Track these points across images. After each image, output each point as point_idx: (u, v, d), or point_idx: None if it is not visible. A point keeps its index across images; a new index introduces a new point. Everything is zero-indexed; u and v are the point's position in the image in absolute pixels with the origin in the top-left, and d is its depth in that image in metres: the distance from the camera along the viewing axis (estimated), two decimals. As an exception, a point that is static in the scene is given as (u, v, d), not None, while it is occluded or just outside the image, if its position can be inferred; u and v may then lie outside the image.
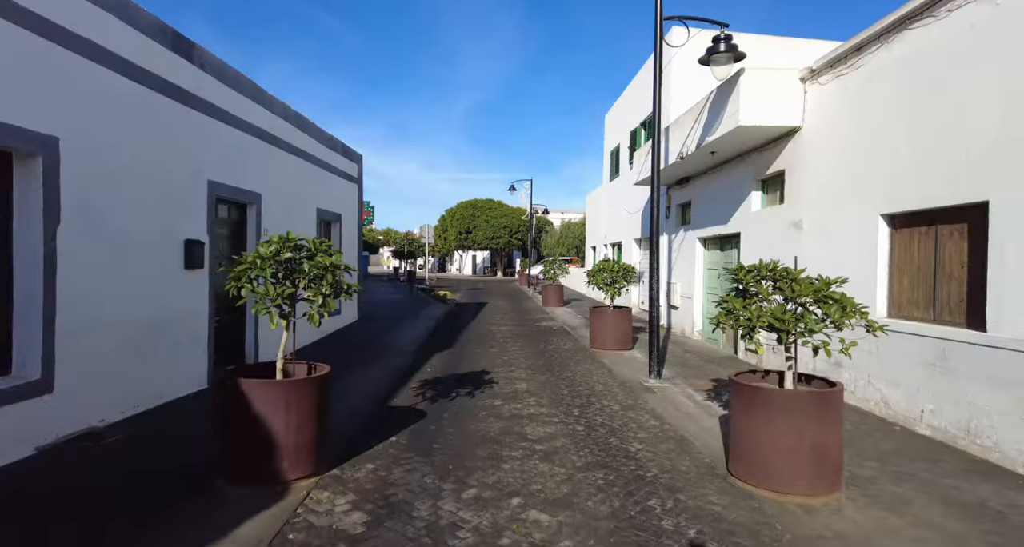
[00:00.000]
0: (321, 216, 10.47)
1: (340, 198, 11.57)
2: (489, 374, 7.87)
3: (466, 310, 17.54)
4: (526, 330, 12.87)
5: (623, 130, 17.75)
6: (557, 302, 18.70)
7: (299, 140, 9.40)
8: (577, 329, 12.86)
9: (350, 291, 4.41)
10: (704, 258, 11.20)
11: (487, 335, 11.92)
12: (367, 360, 8.54)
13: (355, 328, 11.80)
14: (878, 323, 3.83)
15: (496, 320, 14.84)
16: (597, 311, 9.94)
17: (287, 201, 8.88)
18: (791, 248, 7.54)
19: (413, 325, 12.67)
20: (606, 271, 9.82)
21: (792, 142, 7.59)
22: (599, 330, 9.86)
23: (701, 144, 8.75)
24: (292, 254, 4.14)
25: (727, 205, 9.72)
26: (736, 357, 9.27)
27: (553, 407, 6.15)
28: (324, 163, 10.61)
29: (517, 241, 47.90)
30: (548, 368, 8.37)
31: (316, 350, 9.17)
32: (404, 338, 10.77)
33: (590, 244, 23.76)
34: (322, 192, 10.52)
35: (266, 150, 8.20)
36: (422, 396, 6.55)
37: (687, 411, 6.02)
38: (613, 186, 19.17)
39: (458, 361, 8.87)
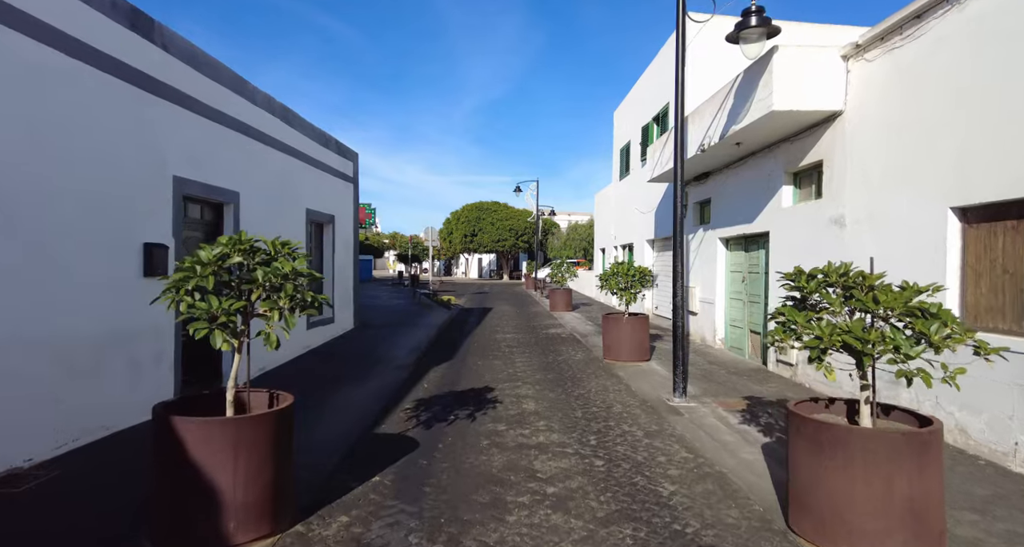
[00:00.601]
0: (311, 217, 9.71)
1: (333, 198, 10.81)
2: (492, 391, 7.06)
3: (470, 316, 16.74)
4: (533, 338, 12.05)
5: (634, 126, 16.93)
6: (565, 307, 17.87)
7: (286, 135, 8.65)
8: (588, 337, 12.02)
9: (317, 305, 3.59)
10: (726, 260, 10.35)
11: (491, 344, 11.10)
12: (358, 376, 7.74)
13: (350, 338, 11.02)
14: (989, 344, 2.98)
15: (501, 327, 14.03)
16: (611, 319, 9.10)
17: (271, 201, 8.11)
18: (831, 248, 6.69)
19: (413, 333, 11.87)
20: (620, 275, 8.99)
21: (832, 129, 6.74)
22: (613, 339, 9.02)
23: (725, 134, 7.92)
24: (243, 259, 3.34)
25: (753, 202, 8.87)
26: (766, 369, 8.40)
27: (566, 433, 5.33)
28: (315, 160, 9.86)
29: (523, 244, 47.12)
30: (558, 383, 7.54)
31: (301, 365, 8.39)
32: (402, 348, 9.97)
33: (599, 246, 22.92)
34: (313, 191, 9.76)
35: (246, 145, 7.45)
36: (415, 420, 5.74)
37: (722, 438, 5.18)
38: (623, 185, 18.34)
39: (459, 375, 8.06)
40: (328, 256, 10.69)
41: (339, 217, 11.08)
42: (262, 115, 7.87)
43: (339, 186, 11.16)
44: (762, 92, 6.76)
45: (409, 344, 10.47)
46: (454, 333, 12.81)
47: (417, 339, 11.09)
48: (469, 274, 61.22)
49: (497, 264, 55.03)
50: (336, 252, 10.87)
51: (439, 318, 15.04)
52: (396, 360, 8.90)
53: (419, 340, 10.98)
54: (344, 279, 11.39)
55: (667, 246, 14.13)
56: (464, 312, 18.11)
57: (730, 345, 10.15)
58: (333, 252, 10.75)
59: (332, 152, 10.75)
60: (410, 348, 10.02)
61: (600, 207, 22.94)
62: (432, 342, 11.08)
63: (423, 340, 11.00)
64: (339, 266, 11.05)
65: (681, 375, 6.54)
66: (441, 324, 13.83)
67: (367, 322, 13.28)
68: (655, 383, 7.50)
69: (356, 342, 10.56)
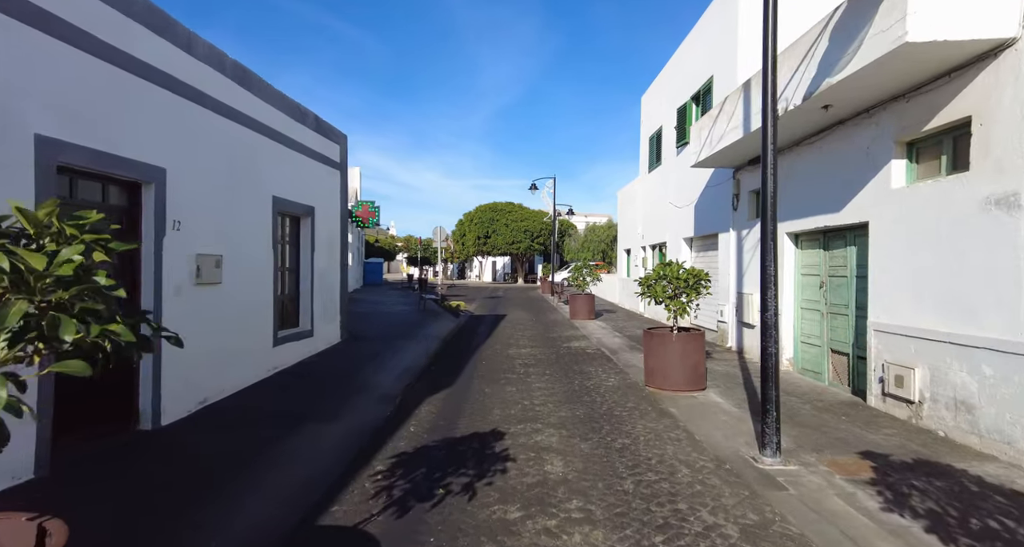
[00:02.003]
0: (281, 208, 7.87)
1: (312, 186, 8.98)
2: (502, 439, 5.13)
3: (481, 325, 14.84)
4: (553, 354, 10.09)
5: (667, 109, 14.92)
6: (587, 315, 15.88)
7: (242, 101, 6.83)
8: (619, 353, 10.03)
9: (124, 347, 1.68)
10: (796, 260, 8.31)
11: (503, 363, 9.17)
12: (325, 412, 5.86)
13: (332, 355, 9.17)
14: None
15: (515, 339, 12.10)
16: (655, 336, 7.11)
17: (218, 183, 6.29)
18: (991, 239, 4.66)
19: (411, 349, 9.98)
20: (669, 279, 7.00)
21: (994, 68, 4.71)
22: (659, 362, 7.04)
23: (811, 94, 5.91)
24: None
25: (839, 185, 6.85)
26: (864, 404, 6.35)
27: (615, 528, 3.38)
28: (285, 138, 8.02)
29: (538, 246, 45.16)
30: (591, 425, 5.59)
31: (256, 395, 6.53)
32: (393, 370, 8.08)
33: (623, 247, 20.90)
34: (283, 176, 7.94)
35: (178, 107, 5.63)
36: (386, 496, 3.83)
37: (870, 542, 3.19)
38: (654, 178, 16.32)
39: (459, 410, 6.14)
40: (305, 256, 8.85)
41: (321, 210, 9.24)
42: (205, 71, 6.05)
43: (320, 172, 9.34)
44: (884, 21, 4.75)
45: (403, 363, 8.57)
46: (460, 347, 10.90)
47: (414, 356, 9.20)
48: (483, 277, 59.38)
49: (511, 267, 53.12)
50: (316, 251, 9.03)
51: (444, 328, 13.15)
52: (381, 387, 7.00)
53: (416, 357, 9.08)
54: (327, 284, 9.55)
55: (710, 245, 12.11)
56: (474, 320, 16.20)
57: (801, 367, 8.10)
58: (312, 251, 8.91)
59: (310, 130, 8.92)
60: (403, 369, 8.12)
61: (624, 204, 20.92)
62: (432, 360, 9.18)
63: (421, 357, 9.11)
64: (320, 268, 9.21)
65: (773, 425, 4.55)
66: (446, 335, 11.93)
67: (358, 334, 11.43)
68: (723, 426, 5.51)
69: (338, 361, 8.69)
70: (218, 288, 6.20)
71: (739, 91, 7.93)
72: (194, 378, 5.77)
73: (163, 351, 5.26)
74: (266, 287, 7.40)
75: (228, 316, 6.40)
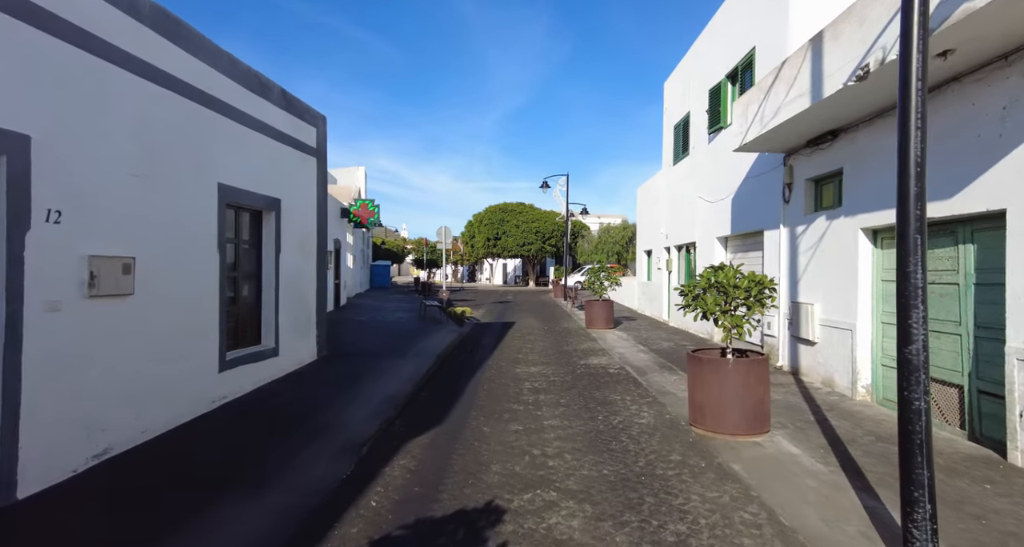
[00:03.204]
0: (231, 198, 6.34)
1: (278, 174, 7.45)
2: (500, 524, 3.53)
3: (486, 335, 13.24)
4: (568, 374, 8.47)
5: (696, 92, 13.25)
6: (606, 323, 14.22)
7: (170, 60, 5.31)
8: (648, 375, 8.38)
9: None
10: (876, 262, 6.62)
11: (508, 386, 7.57)
12: (257, 472, 4.29)
13: (302, 378, 7.61)
14: None
15: (524, 353, 10.48)
16: (704, 361, 5.45)
17: (128, 163, 4.75)
18: None
19: (400, 368, 8.41)
20: (725, 287, 5.34)
21: None
22: (709, 396, 5.38)
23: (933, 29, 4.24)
24: None
25: (955, 161, 5.16)
26: (1007, 463, 4.64)
27: None
28: (239, 113, 6.50)
29: (550, 247, 43.48)
30: (626, 496, 3.96)
31: (180, 440, 4.96)
32: (371, 399, 6.52)
33: (642, 248, 19.21)
34: (235, 160, 6.41)
35: (56, 55, 4.10)
36: None
37: None
38: (680, 170, 14.64)
39: (444, 468, 4.54)
40: (268, 258, 7.31)
41: (290, 203, 7.71)
42: (103, 10, 4.52)
43: (289, 158, 7.80)
44: None
45: (385, 390, 7.00)
46: (459, 365, 9.31)
47: (401, 380, 7.62)
48: (494, 280, 57.83)
49: (522, 270, 51.50)
50: (283, 252, 7.49)
51: (443, 340, 11.57)
52: (348, 428, 5.43)
53: (403, 381, 7.50)
54: (299, 292, 8.01)
55: (751, 244, 10.41)
56: (479, 329, 14.61)
57: (884, 397, 6.40)
58: (278, 252, 7.38)
59: (276, 107, 7.39)
60: (383, 399, 6.55)
61: (644, 201, 19.23)
62: (422, 384, 7.60)
63: (408, 382, 7.52)
64: (289, 273, 7.67)
65: (927, 527, 2.88)
66: (444, 350, 10.35)
67: (341, 349, 9.89)
68: (815, 498, 3.85)
69: (306, 388, 7.14)
70: (128, 301, 4.67)
71: (805, 49, 6.26)
72: (90, 421, 4.25)
73: (24, 385, 3.73)
74: (208, 297, 5.86)
75: (146, 336, 4.87)
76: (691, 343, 11.64)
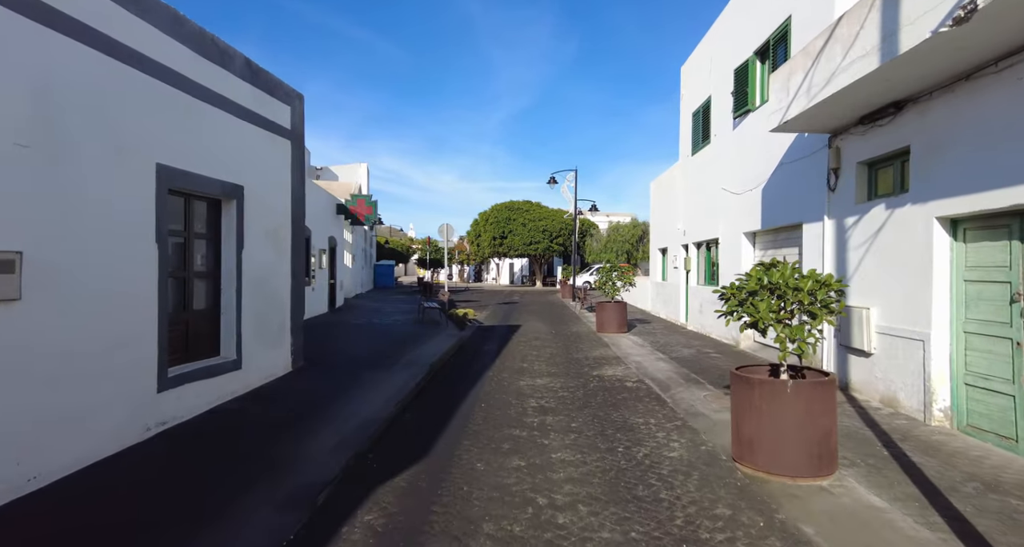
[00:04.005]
0: (176, 182, 5.29)
1: (242, 157, 6.40)
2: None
3: (488, 341, 12.15)
4: (580, 389, 7.36)
5: (718, 74, 12.09)
6: (618, 327, 13.09)
7: (85, 7, 4.24)
8: (672, 389, 7.26)
9: None
10: (956, 258, 5.46)
11: (510, 405, 6.47)
12: (175, 533, 3.21)
13: (267, 397, 6.55)
14: None
15: (530, 361, 9.38)
16: (755, 384, 4.31)
17: (15, 127, 3.70)
18: None
19: (385, 383, 7.34)
20: (782, 289, 4.21)
21: None
22: (760, 428, 4.25)
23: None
24: None
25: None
26: None
27: None
28: (187, 82, 5.44)
29: (558, 246, 42.34)
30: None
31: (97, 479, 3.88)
32: (344, 424, 5.44)
33: (657, 245, 18.05)
34: (181, 137, 5.35)
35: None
36: None
37: None
38: (700, 161, 13.48)
39: (421, 526, 3.45)
40: (229, 254, 6.25)
41: (255, 190, 6.66)
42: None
43: (256, 139, 6.74)
44: None
45: (364, 410, 5.92)
46: (454, 378, 8.23)
47: (384, 397, 6.54)
48: (500, 280, 56.72)
49: (529, 269, 50.36)
50: (247, 248, 6.44)
51: (441, 346, 10.49)
52: (307, 467, 4.34)
53: (386, 399, 6.42)
54: (269, 293, 6.96)
55: (785, 240, 9.26)
56: (481, 334, 13.52)
57: (969, 423, 5.24)
58: (240, 248, 6.32)
59: (238, 79, 6.33)
60: (358, 424, 5.46)
61: (659, 196, 18.07)
62: (408, 402, 6.53)
63: (392, 399, 6.44)
64: (256, 271, 6.62)
65: None
66: (439, 358, 9.27)
67: (322, 359, 8.84)
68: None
69: (268, 407, 6.07)
70: (12, 309, 3.62)
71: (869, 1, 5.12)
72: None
73: None
74: (142, 301, 4.81)
75: (40, 353, 3.81)
76: (714, 349, 10.49)
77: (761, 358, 9.45)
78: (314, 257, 15.40)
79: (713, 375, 8.14)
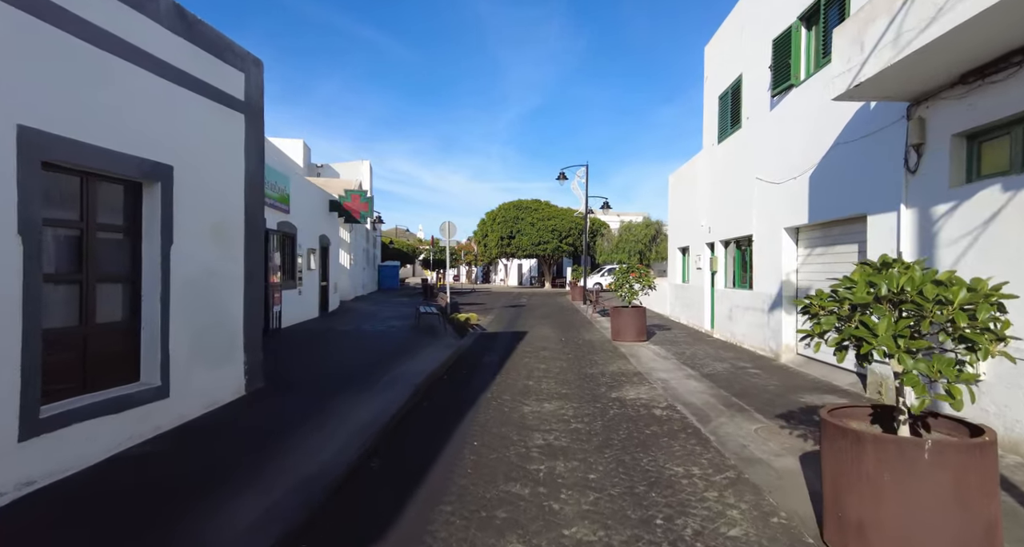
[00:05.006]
0: (55, 154, 3.95)
1: (171, 129, 5.05)
2: None
3: (489, 350, 10.76)
4: (598, 419, 5.94)
5: (752, 49, 10.63)
6: (636, 335, 11.66)
7: None
8: (714, 421, 5.83)
9: None
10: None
11: (509, 446, 5.07)
12: None
13: (204, 433, 5.19)
14: None
15: (536, 380, 7.98)
16: (869, 442, 2.90)
17: None
18: None
19: (355, 410, 5.97)
20: (904, 301, 2.79)
21: None
22: (886, 511, 2.83)
23: None
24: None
25: None
26: None
27: None
28: (72, 19, 4.10)
29: (567, 247, 40.87)
30: None
31: None
32: (273, 490, 4.07)
33: (676, 244, 16.58)
34: (65, 93, 4.02)
35: None
36: None
37: None
38: (727, 149, 12.02)
39: None
40: (152, 250, 4.91)
41: (194, 172, 5.32)
42: None
43: (194, 109, 5.40)
44: None
45: (308, 465, 4.55)
46: (443, 403, 6.85)
47: (347, 434, 5.16)
48: (508, 281, 55.31)
49: (538, 270, 48.91)
50: (179, 243, 5.10)
51: (433, 359, 9.11)
52: (208, 557, 2.98)
53: (347, 439, 5.04)
54: (211, 299, 5.62)
55: (841, 236, 7.80)
56: (483, 342, 12.13)
57: None
58: (167, 242, 4.98)
59: (164, 30, 4.99)
60: (295, 487, 4.07)
61: (678, 191, 16.62)
62: (379, 442, 5.15)
63: (358, 436, 5.06)
64: (190, 272, 5.28)
65: None
66: (429, 376, 7.89)
67: (288, 377, 7.50)
68: None
69: (194, 452, 4.71)
70: None
71: None
72: None
73: None
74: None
75: None
76: (750, 363, 9.03)
77: (808, 375, 7.98)
78: (301, 257, 14.10)
79: (759, 399, 6.71)
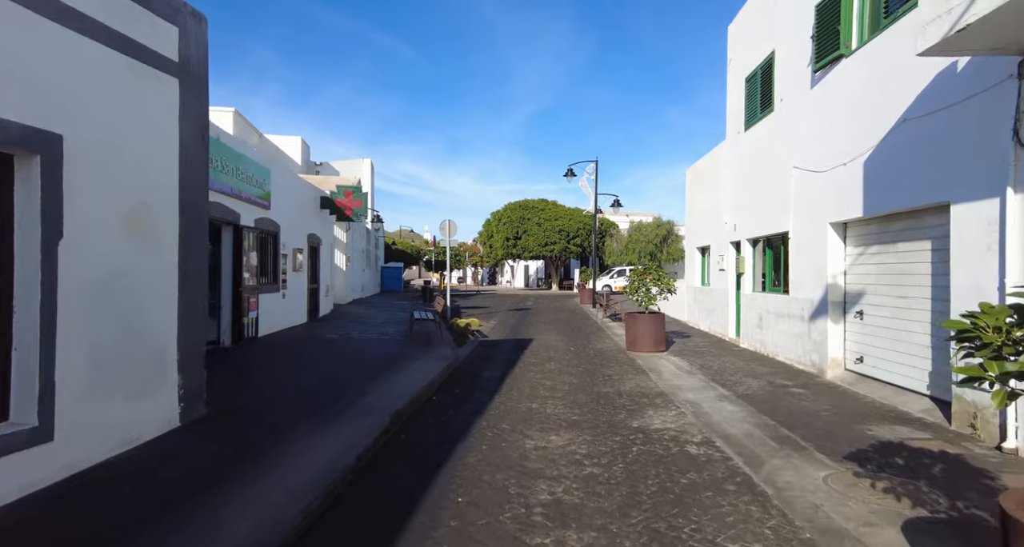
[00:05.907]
0: None
1: (59, 88, 3.85)
2: None
3: (489, 364, 9.52)
4: (619, 461, 4.68)
5: (790, 18, 9.34)
6: (654, 345, 10.38)
7: None
8: (766, 464, 4.55)
9: None
10: None
11: (504, 504, 3.82)
12: None
13: (88, 490, 3.99)
14: None
15: (541, 403, 6.72)
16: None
17: None
18: None
19: (311, 451, 4.75)
20: None
21: None
22: None
23: None
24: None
25: None
26: None
27: None
28: None
29: (575, 247, 39.57)
30: None
31: None
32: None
33: (695, 244, 15.29)
34: None
35: None
36: None
37: None
38: (757, 136, 10.73)
39: None
40: (28, 247, 3.71)
41: (99, 146, 4.13)
42: None
43: (102, 66, 4.20)
44: None
45: (242, 526, 3.32)
46: (424, 438, 5.62)
47: (294, 488, 3.94)
48: (515, 283, 54.03)
49: (545, 272, 47.61)
50: (71, 237, 3.90)
51: (422, 376, 7.88)
52: None
53: (288, 499, 3.82)
54: (122, 308, 4.42)
55: (902, 232, 6.50)
56: (482, 352, 10.89)
57: None
58: (54, 236, 3.78)
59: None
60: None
61: (696, 186, 15.32)
62: (330, 501, 3.92)
63: (301, 495, 3.83)
64: (93, 272, 4.09)
65: None
66: (410, 401, 6.67)
67: (242, 400, 6.29)
68: None
69: (74, 519, 3.51)
70: None
71: None
72: None
73: None
74: None
75: None
76: (790, 380, 7.74)
77: (866, 397, 6.67)
78: (286, 257, 12.93)
79: (815, 431, 5.43)
